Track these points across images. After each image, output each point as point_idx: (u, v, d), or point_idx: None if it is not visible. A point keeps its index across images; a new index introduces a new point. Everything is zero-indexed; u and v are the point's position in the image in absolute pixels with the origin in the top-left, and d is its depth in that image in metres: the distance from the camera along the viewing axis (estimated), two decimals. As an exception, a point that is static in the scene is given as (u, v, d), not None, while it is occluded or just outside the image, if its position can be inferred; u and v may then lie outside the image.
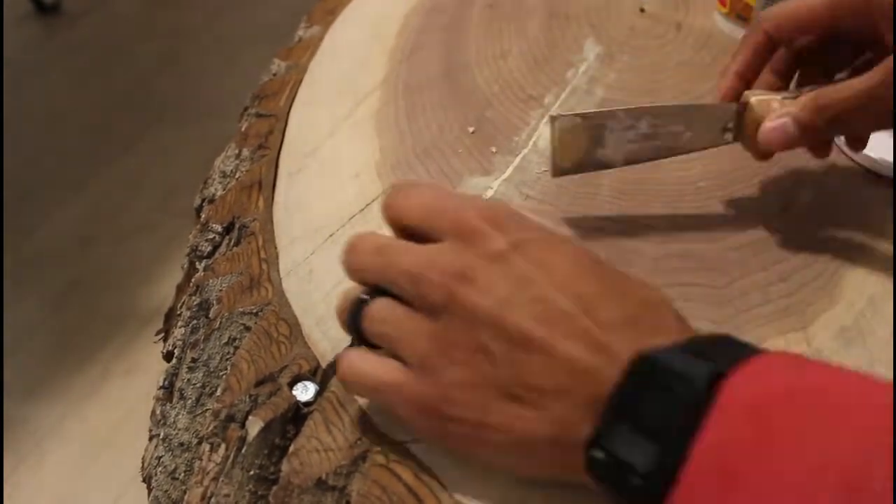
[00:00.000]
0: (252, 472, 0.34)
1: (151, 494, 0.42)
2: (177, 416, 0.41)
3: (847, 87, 0.34)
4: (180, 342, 0.45)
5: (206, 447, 0.36)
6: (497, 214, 0.30)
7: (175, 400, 0.42)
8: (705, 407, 0.23)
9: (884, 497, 0.19)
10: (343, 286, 0.40)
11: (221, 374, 0.40)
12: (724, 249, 0.39)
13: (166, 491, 0.41)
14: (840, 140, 0.44)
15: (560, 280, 0.28)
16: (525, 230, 0.30)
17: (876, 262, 0.38)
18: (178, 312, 0.48)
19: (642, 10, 0.57)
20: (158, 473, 0.41)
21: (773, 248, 0.39)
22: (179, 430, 0.41)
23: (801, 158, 0.43)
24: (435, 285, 0.29)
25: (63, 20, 2.11)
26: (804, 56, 0.39)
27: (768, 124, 0.36)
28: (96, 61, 1.95)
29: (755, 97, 0.37)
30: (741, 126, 0.38)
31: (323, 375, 0.36)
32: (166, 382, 0.45)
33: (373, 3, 0.64)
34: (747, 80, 0.39)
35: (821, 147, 0.39)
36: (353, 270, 0.33)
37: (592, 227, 0.41)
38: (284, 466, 0.33)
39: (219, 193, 0.52)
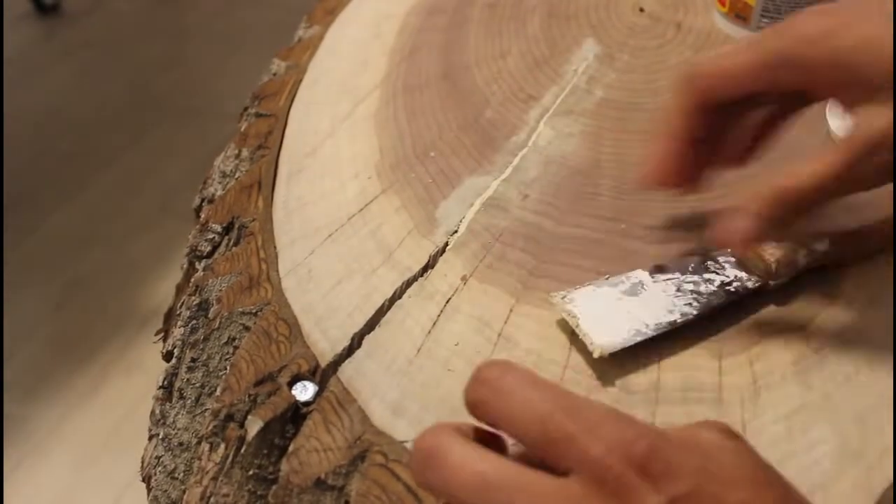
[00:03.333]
0: (251, 472, 0.34)
1: (151, 494, 0.42)
2: (176, 415, 0.41)
3: (807, 174, 0.30)
4: (180, 342, 0.45)
5: (205, 447, 0.36)
6: (639, 449, 0.22)
7: (174, 400, 0.43)
8: None
9: None
10: (341, 286, 0.40)
11: (221, 373, 0.40)
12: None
13: (166, 491, 0.41)
14: (840, 138, 0.44)
15: None
16: (679, 476, 0.22)
17: (875, 261, 0.38)
18: (178, 312, 0.48)
19: (642, 10, 0.57)
20: (158, 473, 0.41)
21: (772, 248, 0.39)
22: (179, 429, 0.41)
23: (800, 158, 0.42)
24: None
25: (63, 20, 2.11)
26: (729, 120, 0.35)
27: (724, 225, 0.32)
28: (96, 61, 1.95)
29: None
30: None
31: (322, 375, 0.36)
32: (166, 382, 0.45)
33: (373, 3, 0.64)
34: (682, 153, 0.35)
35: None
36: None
37: (593, 227, 0.41)
38: (284, 466, 0.33)
39: (218, 193, 0.52)
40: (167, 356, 0.47)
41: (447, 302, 0.38)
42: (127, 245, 1.42)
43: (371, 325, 0.38)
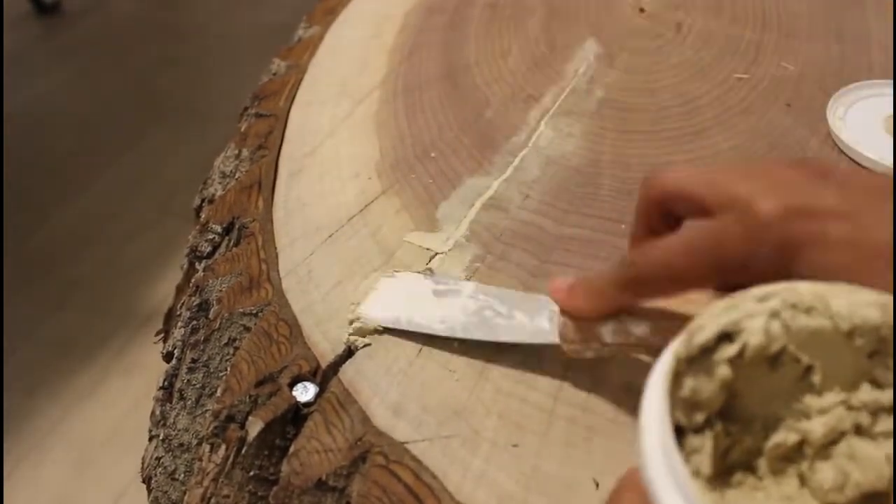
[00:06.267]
0: (252, 473, 0.34)
1: (151, 495, 0.42)
2: (177, 416, 0.41)
3: (654, 248, 0.28)
4: (180, 343, 0.45)
5: (205, 448, 0.36)
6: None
7: (175, 400, 0.42)
8: None
9: None
10: (341, 287, 0.40)
11: (221, 374, 0.40)
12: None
13: (166, 492, 0.41)
14: (840, 138, 0.44)
15: None
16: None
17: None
18: (178, 313, 0.48)
19: (642, 11, 0.57)
20: (158, 474, 0.41)
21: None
22: (179, 430, 0.41)
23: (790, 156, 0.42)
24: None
25: (63, 20, 2.11)
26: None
27: (553, 281, 0.31)
28: (96, 61, 1.95)
29: None
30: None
31: (322, 376, 0.36)
32: (166, 383, 0.45)
33: (373, 3, 0.64)
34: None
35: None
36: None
37: (593, 227, 0.41)
38: (284, 467, 0.33)
39: (218, 194, 0.52)
40: (167, 357, 0.47)
41: (448, 302, 0.38)
42: (127, 245, 1.42)
43: (371, 326, 0.38)
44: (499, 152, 0.46)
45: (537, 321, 0.33)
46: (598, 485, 0.30)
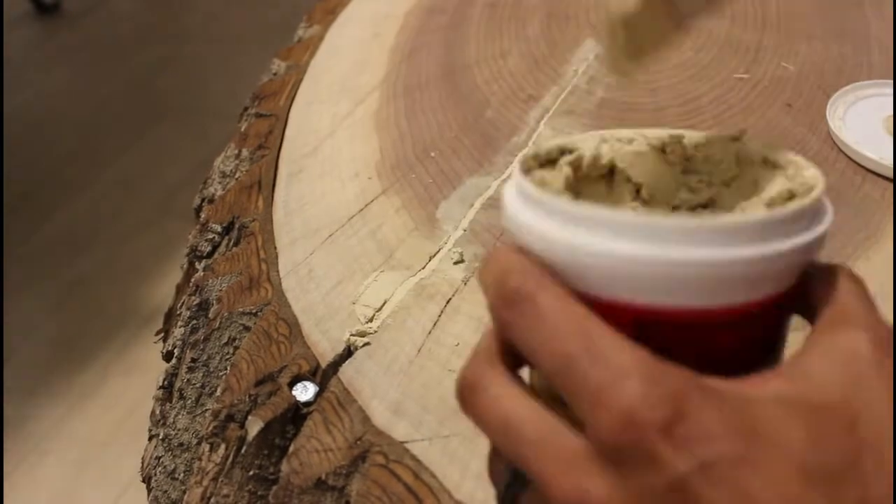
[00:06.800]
0: (252, 472, 0.34)
1: (151, 494, 0.42)
2: (176, 416, 0.41)
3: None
4: (180, 342, 0.45)
5: (205, 447, 0.36)
6: (663, 414, 0.18)
7: (175, 400, 0.42)
8: None
9: None
10: (342, 286, 0.40)
11: (221, 374, 0.40)
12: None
13: (166, 491, 0.41)
14: (840, 138, 0.44)
15: None
16: (714, 438, 0.18)
17: (875, 261, 0.38)
18: (178, 312, 0.48)
19: (642, 10, 0.57)
20: (158, 473, 0.41)
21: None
22: (179, 430, 0.41)
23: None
24: None
25: (63, 20, 2.11)
26: None
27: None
28: (96, 61, 1.95)
29: None
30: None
31: (322, 375, 0.36)
32: (166, 382, 0.45)
33: (373, 3, 0.64)
34: None
35: None
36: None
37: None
38: (284, 466, 0.33)
39: (218, 193, 0.52)
40: (167, 356, 0.47)
41: (447, 302, 0.38)
42: (127, 245, 1.42)
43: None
44: (499, 152, 0.46)
45: None
46: (597, 484, 0.30)
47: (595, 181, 0.25)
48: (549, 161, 0.24)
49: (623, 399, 0.18)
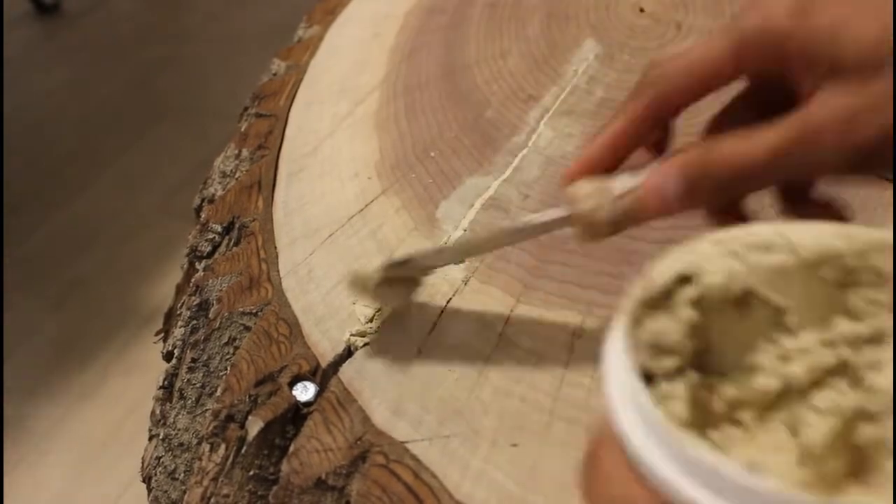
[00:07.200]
0: (252, 472, 0.34)
1: (151, 494, 0.42)
2: (176, 416, 0.41)
3: (748, 142, 0.26)
4: (180, 342, 0.45)
5: (205, 447, 0.36)
6: None
7: (175, 400, 0.43)
8: None
9: None
10: (342, 286, 0.40)
11: (221, 374, 0.40)
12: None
13: (166, 491, 0.41)
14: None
15: None
16: None
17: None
18: (178, 312, 0.48)
19: (642, 10, 0.57)
20: (158, 473, 0.41)
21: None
22: (179, 430, 0.41)
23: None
24: None
25: (63, 20, 2.11)
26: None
27: (652, 180, 0.28)
28: (96, 61, 1.95)
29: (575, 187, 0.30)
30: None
31: (322, 375, 0.36)
32: (166, 382, 0.45)
33: (373, 3, 0.64)
34: (618, 157, 0.30)
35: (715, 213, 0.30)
36: None
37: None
38: (284, 466, 0.33)
39: (218, 193, 0.52)
40: (167, 356, 0.47)
41: (448, 302, 0.38)
42: (127, 245, 1.42)
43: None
44: (499, 152, 0.46)
45: (549, 213, 0.32)
46: (597, 484, 0.30)
47: (723, 307, 0.20)
48: (663, 295, 0.20)
49: None
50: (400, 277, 0.35)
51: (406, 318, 0.38)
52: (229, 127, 0.61)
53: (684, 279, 0.20)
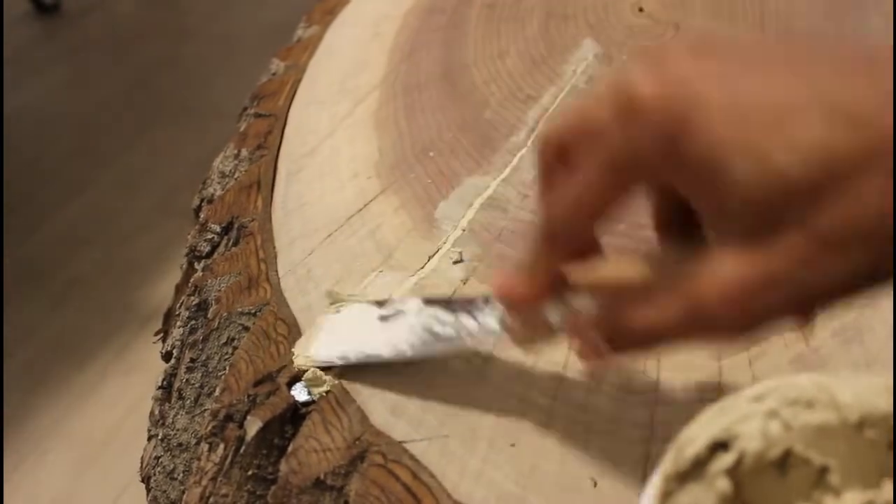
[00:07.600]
0: (250, 472, 0.34)
1: (150, 494, 0.42)
2: (175, 416, 0.41)
3: (656, 311, 0.24)
4: (179, 342, 0.45)
5: (204, 447, 0.36)
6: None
7: (174, 400, 0.43)
8: None
9: None
10: (340, 286, 0.40)
11: (220, 374, 0.40)
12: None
13: (165, 491, 0.41)
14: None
15: None
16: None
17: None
18: (177, 313, 0.48)
19: (641, 10, 0.57)
20: (157, 473, 0.41)
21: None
22: (178, 430, 0.41)
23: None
24: None
25: (63, 20, 2.11)
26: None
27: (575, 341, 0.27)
28: (96, 61, 1.94)
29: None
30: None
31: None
32: (165, 382, 0.45)
33: (372, 3, 0.64)
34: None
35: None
36: None
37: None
38: (283, 466, 0.33)
39: (217, 194, 0.52)
40: (166, 356, 0.47)
41: (446, 302, 0.38)
42: (127, 245, 1.42)
43: (370, 326, 0.38)
44: (498, 152, 0.46)
45: (484, 321, 0.32)
46: (595, 483, 0.30)
47: (762, 468, 0.19)
48: (697, 464, 0.18)
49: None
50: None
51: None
52: (228, 127, 0.61)
53: (719, 445, 0.18)
